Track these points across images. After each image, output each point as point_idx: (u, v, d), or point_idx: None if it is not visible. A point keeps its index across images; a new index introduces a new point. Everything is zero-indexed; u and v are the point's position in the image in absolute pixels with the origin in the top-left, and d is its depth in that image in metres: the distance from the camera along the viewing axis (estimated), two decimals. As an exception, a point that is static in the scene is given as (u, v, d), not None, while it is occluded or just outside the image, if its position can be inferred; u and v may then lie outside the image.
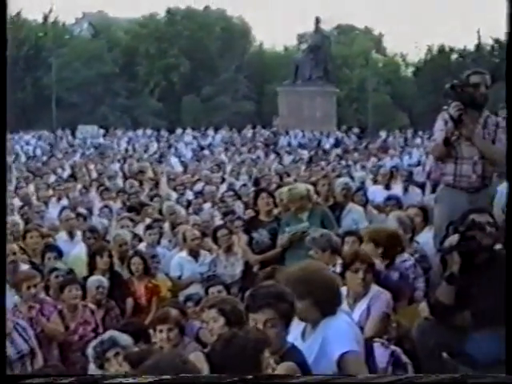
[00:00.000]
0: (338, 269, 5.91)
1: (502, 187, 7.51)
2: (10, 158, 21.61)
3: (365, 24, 63.56)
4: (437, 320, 5.05)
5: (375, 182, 13.87)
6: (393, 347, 5.19)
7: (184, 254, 9.07)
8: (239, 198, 12.69)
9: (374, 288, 5.56)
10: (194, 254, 8.99)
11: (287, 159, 23.95)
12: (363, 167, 19.23)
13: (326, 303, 4.45)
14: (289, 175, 16.66)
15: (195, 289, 8.59)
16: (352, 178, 14.16)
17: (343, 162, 21.58)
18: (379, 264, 5.94)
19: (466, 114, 6.35)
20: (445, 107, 6.52)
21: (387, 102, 51.47)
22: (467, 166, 6.41)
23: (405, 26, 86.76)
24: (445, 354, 4.86)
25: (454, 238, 4.91)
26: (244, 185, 14.70)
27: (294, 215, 8.27)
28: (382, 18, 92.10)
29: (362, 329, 5.36)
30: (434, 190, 8.70)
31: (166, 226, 10.46)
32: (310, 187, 8.85)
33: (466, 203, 6.20)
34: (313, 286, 4.44)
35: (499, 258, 5.04)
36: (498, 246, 5.42)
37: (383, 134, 35.12)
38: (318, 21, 40.11)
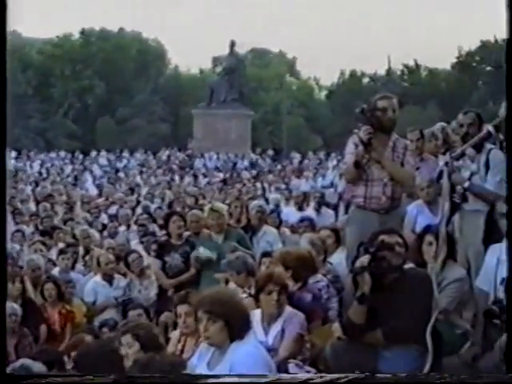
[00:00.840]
0: (254, 291, 5.95)
1: (411, 207, 7.74)
2: None
3: (279, 48, 64.41)
4: (349, 339, 5.14)
5: (289, 203, 14.02)
6: (307, 367, 5.25)
7: (98, 278, 8.97)
8: (154, 220, 12.65)
9: (288, 309, 5.62)
10: (108, 279, 8.91)
11: (202, 181, 23.99)
12: (278, 189, 19.41)
13: (237, 327, 4.52)
14: (204, 197, 16.73)
15: (110, 314, 8.52)
16: (266, 200, 14.29)
17: (258, 184, 21.74)
18: (292, 285, 6.00)
19: (375, 138, 6.49)
20: (355, 130, 6.66)
21: (301, 124, 52.04)
22: (377, 187, 6.54)
23: (318, 50, 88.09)
24: (357, 373, 4.95)
25: (364, 259, 5.02)
26: (159, 207, 14.66)
27: (209, 237, 8.31)
28: (295, 42, 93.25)
29: (276, 350, 5.44)
30: (346, 212, 8.85)
31: (81, 250, 10.34)
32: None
33: (376, 224, 6.32)
34: (227, 308, 4.52)
35: (408, 278, 5.19)
36: (408, 266, 5.58)
37: (298, 156, 35.52)
38: (232, 44, 40.37)
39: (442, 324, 5.37)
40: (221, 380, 3.68)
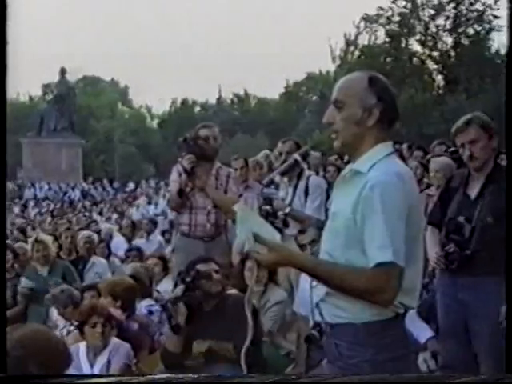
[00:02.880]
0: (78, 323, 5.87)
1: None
2: None
3: (111, 76, 64.13)
4: (167, 369, 5.14)
5: (121, 233, 13.92)
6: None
7: None
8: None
9: (114, 340, 5.57)
10: None
11: (32, 212, 23.38)
12: (109, 219, 19.23)
13: (53, 364, 4.45)
14: (34, 229, 16.31)
15: None
16: (98, 229, 14.11)
17: (91, 214, 21.45)
18: (119, 316, 5.98)
19: (198, 166, 6.62)
20: (179, 159, 6.77)
21: (133, 152, 51.83)
22: (201, 215, 6.66)
23: (149, 78, 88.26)
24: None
25: (178, 290, 5.02)
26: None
27: (34, 270, 8.12)
28: (127, 71, 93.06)
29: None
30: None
31: None
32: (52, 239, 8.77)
33: (201, 251, 6.40)
34: (42, 346, 4.44)
35: (229, 303, 5.25)
36: (230, 291, 5.68)
37: (131, 184, 35.33)
38: (63, 71, 39.69)
39: (266, 345, 5.51)
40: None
